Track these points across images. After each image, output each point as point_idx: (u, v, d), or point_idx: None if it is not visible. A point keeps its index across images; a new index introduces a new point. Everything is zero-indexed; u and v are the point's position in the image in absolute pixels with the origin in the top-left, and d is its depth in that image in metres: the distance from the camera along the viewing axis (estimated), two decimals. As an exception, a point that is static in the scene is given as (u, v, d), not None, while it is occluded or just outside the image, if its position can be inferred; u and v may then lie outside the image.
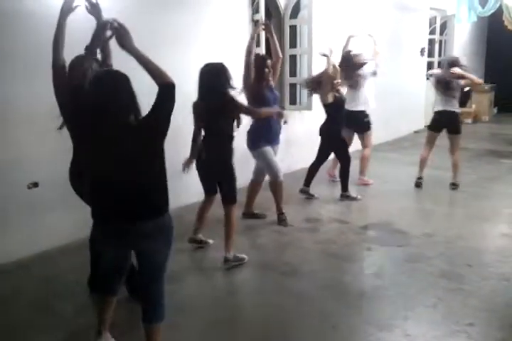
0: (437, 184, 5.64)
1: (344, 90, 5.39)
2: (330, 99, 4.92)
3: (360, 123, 5.60)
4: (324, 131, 5.07)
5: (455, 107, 5.28)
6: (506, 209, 4.85)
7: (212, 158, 3.52)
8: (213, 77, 3.44)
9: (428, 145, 5.55)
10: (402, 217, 4.57)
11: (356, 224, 4.40)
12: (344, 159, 5.12)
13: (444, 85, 5.21)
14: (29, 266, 3.58)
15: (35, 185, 3.61)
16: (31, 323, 2.85)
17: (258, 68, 4.17)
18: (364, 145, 5.76)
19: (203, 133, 3.60)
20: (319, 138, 5.15)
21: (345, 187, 5.14)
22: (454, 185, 5.45)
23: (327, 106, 4.99)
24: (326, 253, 3.80)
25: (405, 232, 4.17)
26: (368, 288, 3.23)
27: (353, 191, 5.23)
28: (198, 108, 3.52)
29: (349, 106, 5.35)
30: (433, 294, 3.10)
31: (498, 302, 3.00)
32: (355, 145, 5.90)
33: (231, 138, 3.54)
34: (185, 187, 4.45)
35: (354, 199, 5.09)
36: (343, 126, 5.08)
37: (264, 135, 4.22)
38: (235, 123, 3.63)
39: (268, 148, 4.26)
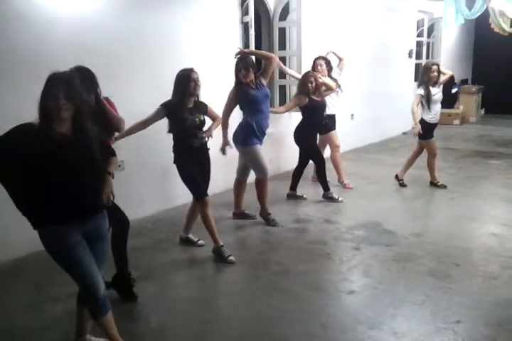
0: (425, 184, 5.70)
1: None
2: (304, 101, 4.90)
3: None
4: (295, 134, 5.08)
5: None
6: (494, 209, 4.91)
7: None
8: None
9: None
10: (391, 217, 4.61)
11: (345, 225, 4.43)
12: (317, 161, 5.15)
13: None
14: (24, 266, 3.59)
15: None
16: (21, 326, 2.84)
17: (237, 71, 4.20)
18: (330, 146, 5.75)
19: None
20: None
21: (325, 188, 5.18)
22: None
23: (302, 109, 4.99)
24: (315, 253, 3.83)
25: (393, 232, 4.21)
26: (356, 287, 3.25)
27: (336, 192, 5.27)
28: None
29: None
30: (421, 292, 3.13)
31: (486, 301, 3.03)
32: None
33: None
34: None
35: (336, 200, 5.12)
36: (314, 129, 5.10)
37: (255, 132, 4.23)
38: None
39: (259, 146, 4.27)
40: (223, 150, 4.26)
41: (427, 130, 5.41)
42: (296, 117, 6.10)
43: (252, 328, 2.81)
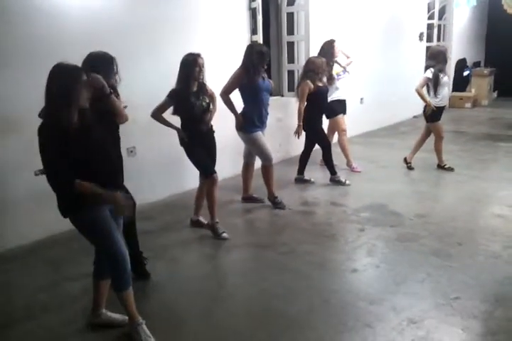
0: (433, 167, 5.76)
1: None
2: (312, 88, 4.94)
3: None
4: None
5: None
6: (500, 191, 4.95)
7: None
8: None
9: None
10: (397, 200, 4.70)
11: (351, 207, 4.53)
12: (322, 145, 5.22)
13: None
14: (38, 250, 3.76)
15: (43, 172, 3.75)
16: (40, 303, 3.01)
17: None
18: (337, 130, 5.81)
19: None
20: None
21: (332, 172, 5.27)
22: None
23: (309, 95, 5.00)
24: (321, 234, 3.94)
25: (398, 214, 4.30)
26: (359, 266, 3.37)
27: (344, 176, 5.36)
28: None
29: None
30: (422, 270, 3.24)
31: (485, 278, 3.13)
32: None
33: None
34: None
35: (343, 184, 5.21)
36: (319, 114, 5.14)
37: (255, 119, 4.32)
38: None
39: (259, 133, 4.36)
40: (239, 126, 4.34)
41: (433, 113, 5.45)
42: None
43: (258, 304, 2.95)
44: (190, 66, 3.63)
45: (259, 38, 5.73)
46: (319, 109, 5.10)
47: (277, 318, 2.76)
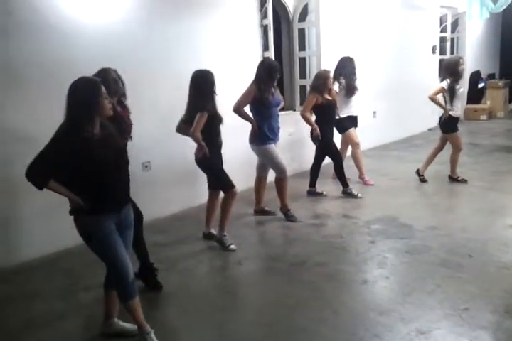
0: (446, 179, 5.76)
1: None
2: (320, 100, 5.03)
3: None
4: (312, 133, 5.15)
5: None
6: (513, 202, 4.95)
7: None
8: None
9: None
10: (408, 212, 4.71)
11: (362, 219, 4.56)
12: (333, 157, 5.28)
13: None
14: (54, 262, 3.87)
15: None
16: (56, 311, 3.11)
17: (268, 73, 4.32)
18: (349, 144, 5.88)
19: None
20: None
21: (344, 184, 5.32)
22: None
23: (317, 108, 5.10)
24: (332, 246, 3.98)
25: (409, 226, 4.32)
26: (369, 277, 3.40)
27: (356, 189, 5.39)
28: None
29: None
30: (431, 281, 3.25)
31: (495, 289, 3.12)
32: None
33: None
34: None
35: (355, 196, 5.25)
36: (329, 127, 5.20)
37: (267, 132, 4.39)
38: None
39: (273, 146, 4.44)
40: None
41: (450, 123, 5.43)
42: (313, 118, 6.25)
43: (268, 314, 2.99)
44: (213, 79, 3.78)
45: (271, 53, 5.86)
46: (328, 122, 5.17)
47: (287, 328, 2.80)
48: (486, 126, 9.92)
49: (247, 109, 4.44)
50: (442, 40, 9.93)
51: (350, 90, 5.56)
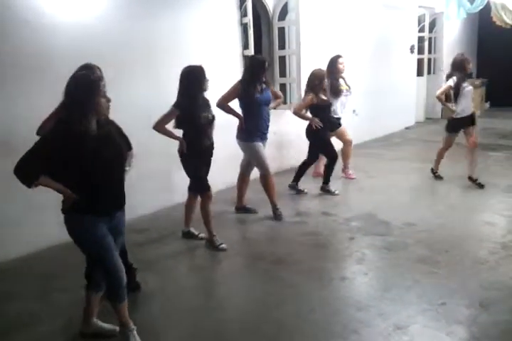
0: (425, 177, 5.84)
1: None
2: (316, 101, 5.06)
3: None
4: (309, 132, 5.22)
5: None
6: (490, 199, 5.04)
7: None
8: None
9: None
10: (387, 209, 4.76)
11: (341, 216, 4.60)
12: (331, 156, 5.31)
13: None
14: (30, 264, 3.80)
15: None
16: (32, 313, 3.06)
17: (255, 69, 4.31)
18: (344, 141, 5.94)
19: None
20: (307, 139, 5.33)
21: (326, 180, 5.36)
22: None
23: (310, 108, 5.13)
24: (311, 244, 4.00)
25: (387, 222, 4.37)
26: (348, 274, 3.43)
27: (334, 186, 5.44)
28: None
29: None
30: (409, 277, 3.29)
31: (471, 284, 3.18)
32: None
33: None
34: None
35: (332, 193, 5.29)
36: (325, 126, 5.18)
37: (257, 130, 4.39)
38: None
39: (260, 144, 4.43)
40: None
41: (451, 124, 5.45)
42: (292, 117, 6.26)
43: (248, 313, 3.00)
44: (202, 77, 3.65)
45: (251, 52, 5.84)
46: (323, 122, 5.10)
47: (268, 326, 2.81)
48: (463, 124, 10.06)
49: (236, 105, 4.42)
50: (420, 39, 10.06)
51: (335, 92, 5.54)
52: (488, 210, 4.73)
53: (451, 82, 5.29)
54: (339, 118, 5.79)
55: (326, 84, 5.24)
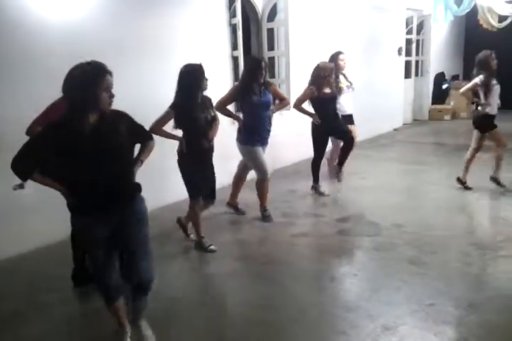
0: (413, 177, 5.88)
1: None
2: (317, 94, 4.97)
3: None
4: (311, 127, 5.16)
5: None
6: (477, 200, 5.08)
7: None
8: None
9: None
10: (376, 210, 4.78)
11: (331, 217, 4.61)
12: (316, 155, 5.29)
13: None
14: (18, 264, 3.75)
15: (21, 186, 3.76)
16: (19, 314, 3.02)
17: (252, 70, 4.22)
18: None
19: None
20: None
21: (315, 180, 5.35)
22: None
23: (312, 102, 5.07)
24: (301, 245, 4.01)
25: (377, 223, 4.38)
26: (337, 275, 3.44)
27: (324, 187, 5.44)
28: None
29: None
30: (398, 278, 3.30)
31: (459, 285, 3.21)
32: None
33: None
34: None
35: (322, 194, 5.30)
36: (328, 122, 5.07)
37: (256, 134, 4.33)
38: None
39: (259, 148, 4.38)
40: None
41: (488, 121, 5.24)
42: (287, 116, 6.28)
43: (238, 314, 2.99)
44: (201, 76, 3.54)
45: (240, 53, 5.85)
46: (326, 117, 5.04)
47: (257, 327, 2.80)
48: (449, 126, 10.17)
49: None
50: (408, 41, 10.13)
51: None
52: (474, 211, 4.77)
53: (478, 79, 5.16)
54: (350, 115, 5.75)
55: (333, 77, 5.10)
